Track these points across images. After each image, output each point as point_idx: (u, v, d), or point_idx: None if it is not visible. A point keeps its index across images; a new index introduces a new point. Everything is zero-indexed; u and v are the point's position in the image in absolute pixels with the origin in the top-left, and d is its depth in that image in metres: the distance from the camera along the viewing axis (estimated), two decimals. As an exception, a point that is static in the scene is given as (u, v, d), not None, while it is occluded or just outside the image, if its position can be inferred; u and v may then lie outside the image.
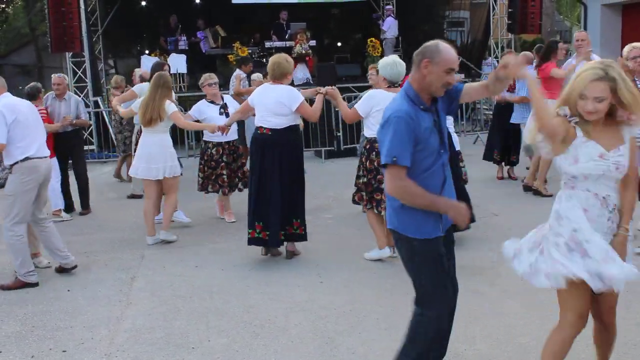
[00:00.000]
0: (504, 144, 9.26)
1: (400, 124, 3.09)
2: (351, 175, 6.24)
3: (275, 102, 5.82)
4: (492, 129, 9.84)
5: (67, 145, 8.21)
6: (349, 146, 12.20)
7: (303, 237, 6.08)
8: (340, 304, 4.93)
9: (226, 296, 5.23)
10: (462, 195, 5.27)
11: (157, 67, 7.74)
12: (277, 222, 5.85)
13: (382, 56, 15.66)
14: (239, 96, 9.33)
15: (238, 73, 10.51)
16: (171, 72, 14.00)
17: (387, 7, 16.84)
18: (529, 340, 4.15)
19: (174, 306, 5.06)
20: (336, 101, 6.05)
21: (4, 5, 33.85)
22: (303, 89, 7.90)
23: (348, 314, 4.74)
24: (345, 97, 11.58)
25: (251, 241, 5.97)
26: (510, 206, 7.79)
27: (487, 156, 9.47)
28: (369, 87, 7.10)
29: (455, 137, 6.46)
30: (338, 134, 11.81)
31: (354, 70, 16.03)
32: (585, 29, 17.91)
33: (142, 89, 7.93)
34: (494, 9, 16.25)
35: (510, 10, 15.23)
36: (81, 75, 13.61)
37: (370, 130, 5.72)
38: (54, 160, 7.62)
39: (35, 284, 5.59)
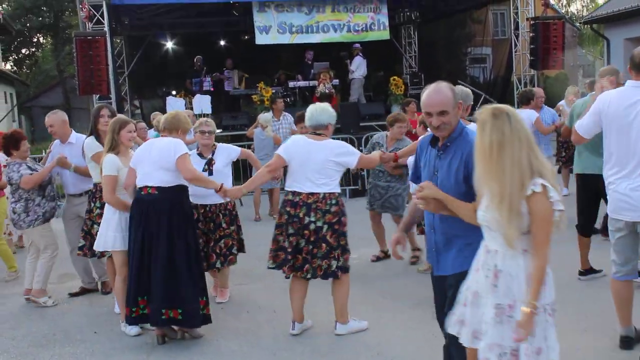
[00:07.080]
0: None
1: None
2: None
3: (159, 154, 4.98)
4: None
5: None
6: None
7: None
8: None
9: (252, 338, 5.19)
10: None
11: (94, 112, 6.19)
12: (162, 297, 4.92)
13: (405, 95, 15.68)
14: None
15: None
16: (195, 112, 14.24)
17: (355, 45, 16.16)
18: None
19: (199, 348, 5.02)
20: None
21: (34, 49, 34.83)
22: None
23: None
24: (369, 136, 11.56)
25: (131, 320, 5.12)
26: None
27: None
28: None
29: None
30: (362, 173, 11.80)
31: (377, 109, 16.06)
32: (608, 62, 17.88)
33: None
34: (516, 45, 16.27)
35: (532, 46, 15.18)
36: (108, 116, 13.77)
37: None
38: None
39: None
